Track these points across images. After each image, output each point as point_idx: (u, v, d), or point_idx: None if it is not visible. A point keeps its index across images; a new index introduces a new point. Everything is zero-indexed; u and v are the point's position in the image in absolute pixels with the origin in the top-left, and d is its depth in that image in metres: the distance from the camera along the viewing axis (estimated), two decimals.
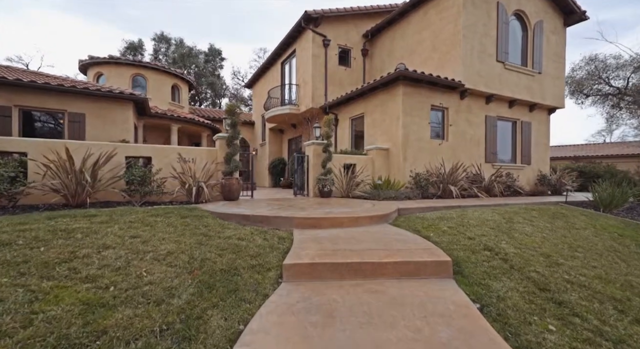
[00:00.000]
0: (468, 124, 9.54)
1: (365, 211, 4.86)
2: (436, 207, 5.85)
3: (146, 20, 46.06)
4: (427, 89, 8.74)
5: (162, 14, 45.60)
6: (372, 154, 8.85)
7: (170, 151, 6.23)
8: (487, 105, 9.89)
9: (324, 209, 5.06)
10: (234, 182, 6.20)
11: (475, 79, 9.06)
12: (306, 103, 11.83)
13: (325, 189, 7.29)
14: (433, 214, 5.13)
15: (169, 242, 3.02)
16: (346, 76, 12.23)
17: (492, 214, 5.07)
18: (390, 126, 8.76)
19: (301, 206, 5.64)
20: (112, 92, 9.59)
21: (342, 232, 3.92)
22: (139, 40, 31.76)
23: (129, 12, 44.98)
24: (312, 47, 11.50)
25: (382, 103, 9.08)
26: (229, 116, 6.47)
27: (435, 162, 8.80)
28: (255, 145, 18.29)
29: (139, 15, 45.56)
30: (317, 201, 6.54)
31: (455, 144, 9.30)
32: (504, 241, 3.53)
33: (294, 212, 4.64)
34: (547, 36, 10.70)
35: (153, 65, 14.01)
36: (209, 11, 48.16)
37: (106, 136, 9.64)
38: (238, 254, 3.00)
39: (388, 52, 11.84)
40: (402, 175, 8.30)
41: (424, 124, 8.75)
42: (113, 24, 45.38)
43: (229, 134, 6.44)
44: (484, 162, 9.80)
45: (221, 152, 6.58)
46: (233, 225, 4.01)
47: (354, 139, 10.85)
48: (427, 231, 4.03)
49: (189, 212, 4.30)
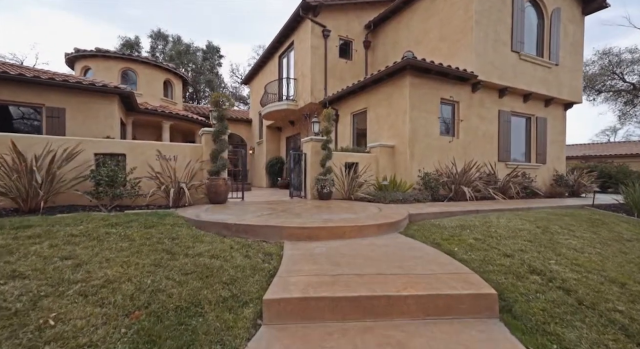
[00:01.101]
0: (480, 120, 8.77)
1: (372, 218, 4.10)
2: (452, 213, 5.09)
3: (146, 19, 45.47)
4: (436, 81, 7.97)
5: (161, 13, 45.01)
6: (376, 152, 8.09)
7: (148, 147, 5.47)
8: (500, 99, 9.11)
9: (322, 215, 4.30)
10: (221, 183, 5.44)
11: (488, 70, 8.29)
12: (305, 98, 11.07)
13: (324, 191, 6.53)
14: (451, 221, 4.37)
15: (114, 265, 2.26)
16: (347, 69, 11.46)
17: (521, 222, 4.30)
18: (395, 121, 8.00)
19: (297, 210, 4.88)
20: (94, 85, 8.85)
21: (344, 246, 3.16)
22: (135, 37, 30.99)
23: (129, 11, 44.32)
24: (311, 38, 10.73)
25: (387, 96, 8.32)
26: (215, 108, 5.72)
27: (444, 160, 8.04)
28: (253, 143, 17.55)
29: (139, 14, 44.93)
30: (315, 204, 5.79)
31: (467, 141, 8.52)
32: (553, 260, 2.76)
33: (286, 219, 3.88)
34: (564, 25, 9.92)
35: (143, 59, 13.26)
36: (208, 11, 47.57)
37: (88, 132, 8.91)
38: (206, 280, 2.25)
39: (392, 44, 11.07)
40: (409, 175, 7.54)
41: (433, 119, 7.98)
42: (113, 24, 44.78)
43: (215, 128, 5.68)
44: (497, 161, 9.03)
45: (207, 149, 5.82)
46: (210, 237, 3.26)
47: (355, 136, 10.09)
48: (450, 244, 3.27)
49: (159, 220, 3.55)
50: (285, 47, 12.85)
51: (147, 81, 13.46)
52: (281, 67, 13.55)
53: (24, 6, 38.81)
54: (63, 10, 42.79)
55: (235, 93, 35.20)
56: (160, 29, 32.23)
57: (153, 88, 13.70)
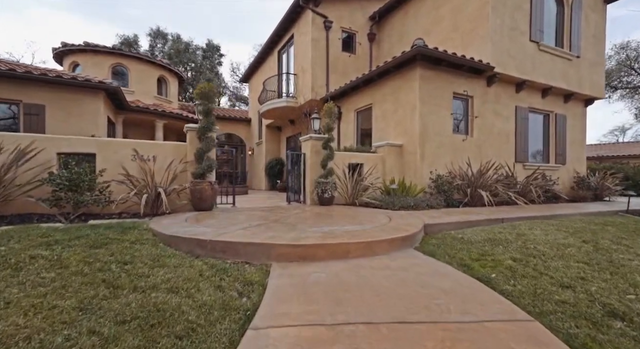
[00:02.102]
0: (496, 117, 8.02)
1: (381, 230, 3.39)
2: (474, 222, 4.36)
3: (146, 19, 45.07)
4: (448, 74, 7.24)
5: (160, 13, 44.52)
6: (382, 152, 7.36)
7: (122, 145, 4.79)
8: (517, 94, 8.36)
9: (321, 227, 3.59)
10: (206, 188, 4.75)
11: (505, 61, 7.55)
12: (305, 94, 10.37)
13: (325, 196, 5.82)
14: (475, 233, 3.64)
15: (14, 313, 1.57)
16: (350, 63, 10.76)
17: (561, 234, 3.57)
18: (404, 118, 7.28)
19: (292, 219, 4.18)
20: (76, 79, 8.21)
21: (348, 271, 2.45)
22: (134, 35, 30.43)
23: (129, 11, 43.93)
24: (312, 30, 10.04)
25: (394, 91, 7.60)
26: (202, 101, 5.03)
27: (458, 161, 7.30)
28: (252, 144, 16.88)
29: (139, 14, 44.52)
30: (314, 211, 5.08)
31: (482, 139, 7.78)
32: (632, 295, 2.04)
33: (277, 232, 3.18)
34: (586, 14, 9.16)
35: (135, 54, 12.63)
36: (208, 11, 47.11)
37: (71, 130, 8.26)
38: (150, 333, 1.55)
39: (398, 36, 10.35)
40: (420, 177, 6.81)
41: (445, 115, 7.25)
42: (113, 24, 44.42)
43: (201, 125, 4.99)
44: (514, 162, 8.27)
45: (192, 149, 5.14)
46: (178, 258, 2.56)
47: (360, 135, 9.38)
48: (484, 268, 2.55)
49: (118, 236, 2.85)
50: (284, 41, 12.17)
51: (140, 78, 12.82)
52: (281, 63, 12.87)
53: (23, 6, 38.54)
54: (63, 11, 42.52)
55: (236, 93, 34.59)
56: (160, 27, 31.67)
57: (146, 85, 13.06)
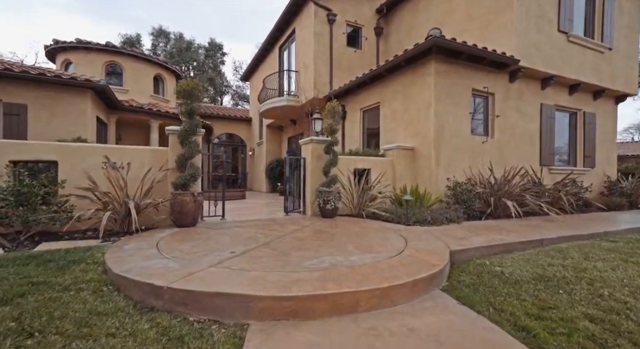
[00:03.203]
0: (519, 116, 7.19)
1: (399, 262, 2.64)
2: (507, 244, 3.56)
3: (147, 19, 44.77)
4: (467, 68, 6.44)
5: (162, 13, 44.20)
6: (392, 156, 6.59)
7: (90, 151, 4.10)
8: (542, 90, 7.51)
9: (321, 257, 2.85)
10: (187, 200, 4.04)
11: (531, 54, 6.71)
12: (307, 92, 9.64)
13: (328, 207, 5.07)
14: (519, 265, 2.87)
15: None
16: (356, 59, 9.99)
17: (636, 269, 2.78)
18: (416, 118, 6.49)
19: (286, 243, 3.45)
20: (60, 77, 7.59)
21: (358, 339, 1.71)
22: (136, 34, 30.03)
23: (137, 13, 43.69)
24: (315, 23, 9.30)
25: (405, 88, 6.82)
26: (184, 99, 4.33)
27: (477, 165, 6.50)
28: (253, 144, 16.22)
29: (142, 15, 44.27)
30: (315, 228, 4.33)
31: (503, 141, 6.96)
32: None
33: (262, 269, 2.45)
34: (619, 2, 8.24)
35: (130, 51, 12.01)
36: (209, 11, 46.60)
37: (56, 132, 7.67)
38: None
39: (407, 30, 9.54)
40: (434, 184, 6.03)
41: (463, 114, 6.45)
42: (122, 25, 44.36)
43: (182, 127, 4.28)
44: (538, 166, 7.43)
45: (173, 154, 4.44)
46: (120, 316, 1.85)
47: (366, 137, 8.61)
48: (552, 334, 1.78)
49: (52, 275, 2.15)
50: (286, 37, 11.45)
51: (135, 76, 12.21)
52: (282, 60, 12.15)
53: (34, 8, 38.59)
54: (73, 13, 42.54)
55: (238, 92, 34.01)
56: (162, 26, 31.23)
57: (141, 84, 12.46)
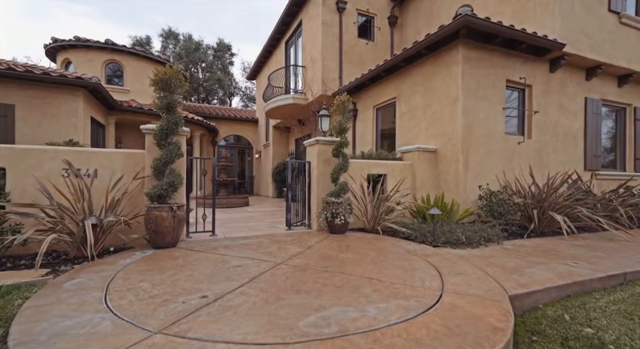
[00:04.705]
0: (561, 112, 6.15)
1: (444, 324, 1.78)
2: (580, 283, 2.63)
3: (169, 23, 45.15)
4: (500, 55, 5.48)
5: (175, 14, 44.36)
6: (411, 159, 5.69)
7: (47, 155, 3.40)
8: (587, 82, 6.44)
9: (326, 308, 2.01)
10: (164, 216, 3.28)
11: (578, 38, 5.68)
12: (314, 89, 8.84)
13: (337, 221, 4.23)
14: (623, 326, 1.96)
15: None
16: (368, 52, 9.12)
17: None
18: (439, 115, 5.58)
19: (280, 277, 2.63)
20: (49, 75, 7.04)
21: None
22: (146, 36, 30.06)
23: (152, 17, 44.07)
24: (323, 12, 8.49)
25: (427, 80, 5.91)
26: (162, 92, 3.58)
27: (512, 171, 5.53)
28: (259, 147, 15.54)
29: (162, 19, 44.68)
30: (320, 252, 3.50)
31: (542, 142, 5.94)
32: None
33: (230, 347, 1.64)
34: None
35: (130, 49, 11.51)
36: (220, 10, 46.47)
37: (46, 134, 7.16)
38: None
39: (426, 18, 8.60)
40: (463, 193, 5.10)
41: (496, 111, 5.49)
42: (139, 30, 45.01)
43: (159, 125, 3.53)
44: (582, 170, 6.37)
45: (150, 158, 3.70)
46: None
47: (380, 138, 7.73)
48: None
49: None
50: (292, 30, 10.69)
51: (136, 75, 11.71)
52: (288, 56, 11.40)
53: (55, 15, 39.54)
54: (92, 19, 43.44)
55: (248, 93, 33.59)
56: (171, 27, 31.17)
57: (143, 83, 11.90)
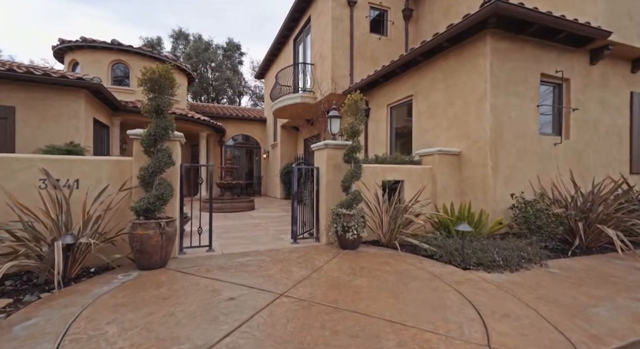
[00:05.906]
0: (603, 108, 5.44)
1: None
2: None
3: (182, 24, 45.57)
4: (533, 46, 4.83)
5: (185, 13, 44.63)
6: (430, 163, 5.11)
7: (21, 164, 3.02)
8: (633, 74, 5.70)
9: None
10: (150, 234, 2.85)
11: (624, 25, 4.97)
12: (323, 87, 8.33)
13: (349, 236, 3.72)
14: None
15: None
16: (381, 48, 8.54)
17: None
18: (463, 114, 4.98)
19: (279, 324, 2.14)
20: (50, 76, 6.80)
21: None
22: (157, 37, 30.27)
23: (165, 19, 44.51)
24: (333, 6, 7.98)
25: (448, 75, 5.31)
26: (151, 92, 3.16)
27: (547, 175, 4.88)
28: (267, 147, 15.16)
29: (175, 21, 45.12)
30: (329, 276, 2.99)
31: (582, 142, 5.26)
32: None
33: None
34: None
35: (137, 49, 11.28)
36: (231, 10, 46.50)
37: (47, 136, 6.96)
38: None
39: (443, 10, 7.96)
40: (492, 201, 4.49)
41: (529, 108, 4.84)
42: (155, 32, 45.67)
43: (146, 131, 3.12)
44: (628, 174, 5.64)
45: (137, 166, 3.29)
46: None
47: (394, 140, 7.16)
48: None
49: None
50: (300, 27, 10.21)
51: None
52: (296, 54, 10.93)
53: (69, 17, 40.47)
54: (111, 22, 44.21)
55: (257, 93, 33.38)
56: (182, 28, 31.23)
57: None
